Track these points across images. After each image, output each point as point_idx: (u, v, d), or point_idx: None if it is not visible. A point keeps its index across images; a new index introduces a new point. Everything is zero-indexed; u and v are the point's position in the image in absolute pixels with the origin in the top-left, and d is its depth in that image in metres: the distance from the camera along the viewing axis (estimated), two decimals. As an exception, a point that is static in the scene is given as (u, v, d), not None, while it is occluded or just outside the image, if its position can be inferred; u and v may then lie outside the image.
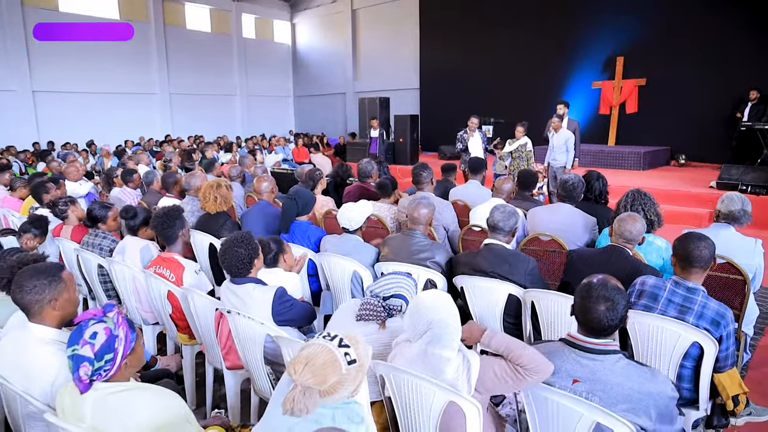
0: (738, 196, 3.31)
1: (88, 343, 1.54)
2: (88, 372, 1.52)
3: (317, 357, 1.46)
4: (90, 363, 1.52)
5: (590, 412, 1.66)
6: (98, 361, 1.54)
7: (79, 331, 1.56)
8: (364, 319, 2.17)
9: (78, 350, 1.53)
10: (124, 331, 1.63)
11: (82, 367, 1.51)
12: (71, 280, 2.05)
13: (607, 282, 1.79)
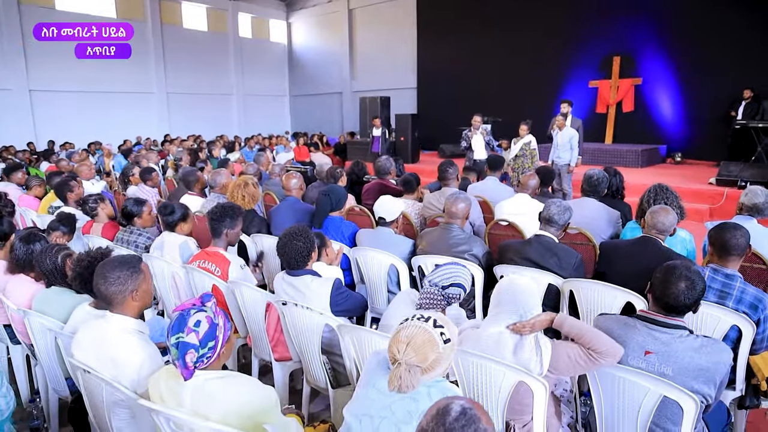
0: (762, 190, 3.44)
1: (193, 330, 1.62)
2: (194, 359, 1.60)
3: (417, 337, 1.58)
4: (195, 350, 1.61)
5: (656, 387, 1.79)
6: (202, 348, 1.62)
7: (183, 319, 1.65)
8: (425, 308, 2.27)
9: (183, 338, 1.61)
10: (222, 320, 1.71)
11: (188, 354, 1.60)
12: (148, 271, 2.13)
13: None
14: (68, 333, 2.30)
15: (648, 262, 2.71)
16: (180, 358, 1.59)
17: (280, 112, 22.86)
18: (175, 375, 1.67)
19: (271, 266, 4.04)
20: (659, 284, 1.98)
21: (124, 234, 3.86)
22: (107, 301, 2.01)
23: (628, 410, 1.90)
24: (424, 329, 1.60)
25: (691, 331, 1.98)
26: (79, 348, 2.01)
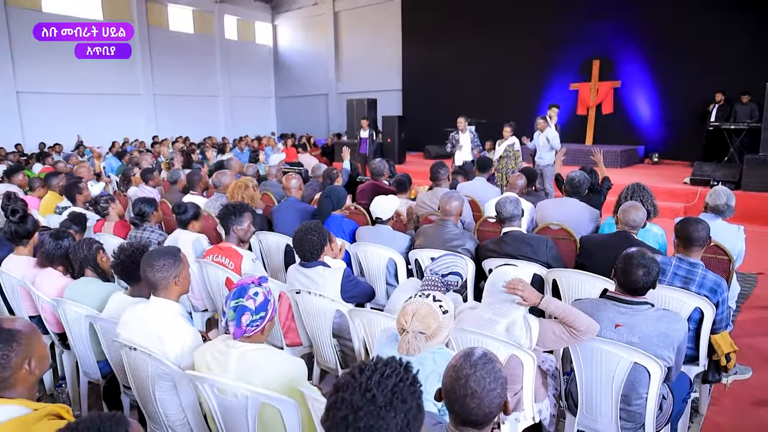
0: (724, 191, 3.80)
1: (252, 298, 1.93)
2: (248, 320, 1.89)
3: (420, 309, 1.90)
4: (251, 313, 1.90)
5: (628, 354, 2.10)
6: (255, 315, 1.91)
7: (243, 289, 1.95)
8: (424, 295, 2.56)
9: (242, 302, 1.91)
10: (273, 300, 2.00)
11: (244, 316, 1.89)
12: (186, 260, 2.40)
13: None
14: (107, 317, 2.55)
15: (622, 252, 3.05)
16: (236, 318, 1.89)
17: (266, 113, 23.02)
18: (220, 347, 1.95)
19: (274, 262, 4.31)
20: (621, 272, 2.30)
21: (137, 232, 4.09)
22: (153, 286, 2.28)
23: (605, 377, 2.22)
24: (425, 303, 1.93)
25: (652, 305, 2.30)
26: (126, 328, 2.27)
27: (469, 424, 1.33)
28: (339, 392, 1.05)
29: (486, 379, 1.31)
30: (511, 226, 3.41)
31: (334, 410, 1.03)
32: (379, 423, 1.00)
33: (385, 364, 1.09)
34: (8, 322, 1.57)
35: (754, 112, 9.88)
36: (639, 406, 2.22)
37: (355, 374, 1.07)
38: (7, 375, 1.48)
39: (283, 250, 4.16)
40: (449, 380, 1.35)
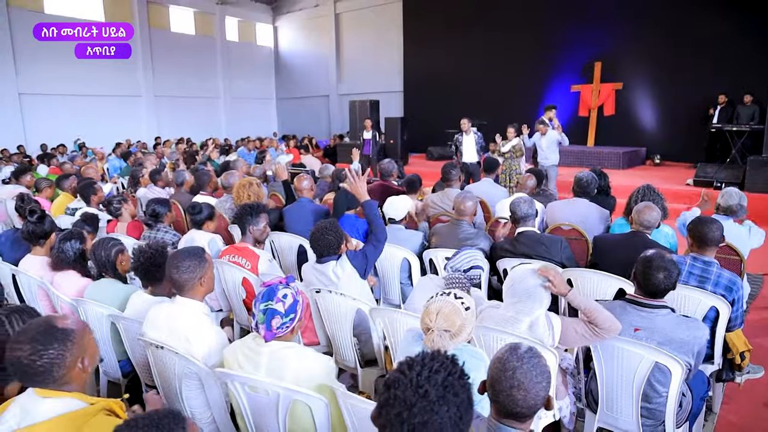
0: (736, 192, 3.84)
1: (281, 300, 1.94)
2: (278, 324, 1.91)
3: (444, 307, 1.93)
4: (281, 316, 1.92)
5: (650, 354, 2.13)
6: (285, 317, 1.93)
7: (272, 291, 1.96)
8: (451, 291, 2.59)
9: (272, 305, 1.92)
10: (302, 300, 2.02)
11: (274, 319, 1.91)
12: (211, 260, 2.43)
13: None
14: (131, 317, 2.57)
15: (637, 253, 3.07)
16: (266, 321, 1.91)
17: (267, 114, 23.05)
18: (251, 345, 1.97)
19: (287, 262, 4.33)
20: (641, 274, 2.32)
21: (150, 232, 4.11)
22: (179, 287, 2.30)
23: (626, 375, 2.25)
24: (448, 301, 1.96)
25: (673, 309, 2.33)
26: (152, 328, 2.29)
27: (512, 416, 1.36)
28: (391, 389, 1.07)
29: (533, 372, 1.34)
30: (526, 226, 3.43)
31: (387, 407, 1.05)
32: (433, 417, 1.02)
33: (432, 359, 1.12)
34: (61, 320, 1.59)
35: (756, 113, 9.94)
36: (659, 404, 2.25)
37: (404, 371, 1.09)
38: (62, 373, 1.51)
39: (296, 251, 4.19)
40: (496, 372, 1.38)
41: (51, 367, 1.47)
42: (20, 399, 1.51)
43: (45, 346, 1.48)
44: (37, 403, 1.46)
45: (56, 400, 1.47)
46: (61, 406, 1.45)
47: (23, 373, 1.48)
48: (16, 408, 1.47)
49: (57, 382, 1.49)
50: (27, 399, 1.49)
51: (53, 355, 1.48)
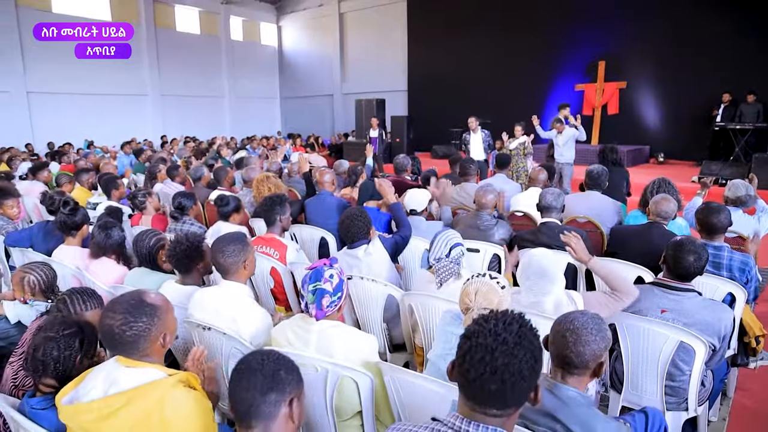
0: (742, 183, 3.95)
1: (328, 281, 2.04)
2: (328, 302, 2.02)
3: (482, 287, 2.04)
4: (330, 295, 2.02)
5: (675, 334, 2.24)
6: (334, 296, 2.04)
7: (319, 272, 2.06)
8: (444, 280, 2.68)
9: (320, 285, 2.03)
10: (345, 281, 2.13)
11: (324, 298, 2.01)
12: (252, 245, 2.54)
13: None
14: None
15: (655, 243, 3.21)
16: (316, 301, 2.01)
17: (271, 113, 23.18)
18: (301, 324, 2.08)
19: (309, 254, 4.44)
20: (671, 258, 2.44)
21: (176, 224, 4.21)
22: (224, 271, 2.41)
23: (651, 355, 2.36)
24: (485, 282, 2.08)
25: (699, 293, 2.44)
26: (199, 310, 2.39)
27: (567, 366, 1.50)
28: (472, 338, 1.18)
29: (590, 324, 1.48)
30: (549, 216, 3.54)
31: (470, 354, 1.17)
32: (512, 360, 1.13)
33: (504, 314, 1.23)
34: (151, 296, 1.70)
35: (760, 111, 10.06)
36: (683, 382, 2.36)
37: (482, 323, 1.20)
38: (146, 345, 1.62)
39: (318, 243, 4.29)
40: (557, 322, 1.52)
41: (138, 338, 1.58)
42: (104, 368, 1.61)
43: (135, 318, 1.59)
44: (122, 372, 1.57)
45: (138, 370, 1.58)
46: (143, 375, 1.56)
47: (112, 340, 1.59)
48: (101, 376, 1.57)
49: (140, 353, 1.60)
50: (111, 368, 1.60)
51: (141, 328, 1.59)
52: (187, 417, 1.51)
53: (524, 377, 1.15)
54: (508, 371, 1.13)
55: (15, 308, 2.36)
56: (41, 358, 1.75)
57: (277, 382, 1.34)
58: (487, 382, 1.14)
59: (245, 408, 1.31)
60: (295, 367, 1.44)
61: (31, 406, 1.77)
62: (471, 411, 1.19)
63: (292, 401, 1.37)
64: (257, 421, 1.31)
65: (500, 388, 1.14)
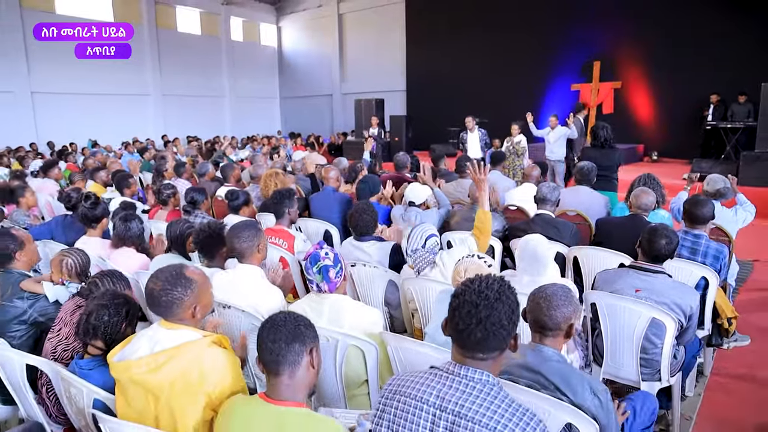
0: (719, 177, 4.23)
1: (326, 257, 2.31)
2: (334, 274, 2.28)
3: (471, 266, 2.32)
4: (332, 267, 2.29)
5: (647, 310, 2.50)
6: (335, 267, 2.30)
7: (315, 255, 2.33)
8: (421, 269, 2.94)
9: (322, 263, 2.29)
10: (338, 254, 2.38)
11: (330, 272, 2.28)
12: (263, 232, 2.79)
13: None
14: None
15: (637, 232, 3.46)
16: (325, 276, 2.27)
17: (271, 113, 23.43)
18: (315, 298, 2.34)
19: (313, 246, 4.69)
20: (646, 242, 2.70)
21: (189, 218, 4.45)
22: (240, 255, 2.66)
23: (627, 330, 2.61)
24: (473, 261, 2.39)
25: (670, 275, 2.70)
26: (218, 290, 2.62)
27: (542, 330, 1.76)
28: (460, 296, 1.44)
29: (559, 292, 1.75)
30: (543, 208, 3.81)
31: (459, 309, 1.42)
32: (493, 312, 1.38)
33: (487, 277, 1.48)
34: (190, 270, 1.94)
35: (751, 111, 10.32)
36: (655, 354, 2.61)
37: (468, 284, 1.46)
38: (178, 311, 1.86)
39: (323, 235, 4.54)
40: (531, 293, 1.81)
41: (171, 304, 1.83)
42: (147, 331, 1.86)
43: (172, 287, 1.83)
44: (163, 334, 1.82)
45: (177, 332, 1.83)
46: (182, 336, 1.81)
47: (152, 302, 1.85)
48: (145, 337, 1.83)
49: (174, 317, 1.85)
50: (154, 330, 1.85)
51: (176, 296, 1.83)
52: (221, 370, 1.76)
53: (504, 326, 1.40)
54: (489, 321, 1.38)
55: (54, 288, 2.61)
56: (93, 322, 2.01)
57: (298, 334, 1.57)
58: (473, 331, 1.39)
59: (274, 357, 1.55)
60: (311, 324, 1.66)
61: (80, 367, 2.04)
62: (462, 357, 1.44)
63: (312, 350, 1.60)
64: (284, 368, 1.54)
65: (484, 335, 1.39)
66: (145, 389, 1.72)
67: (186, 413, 1.69)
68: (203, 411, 1.70)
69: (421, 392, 1.42)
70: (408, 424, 1.41)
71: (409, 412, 1.41)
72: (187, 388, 1.70)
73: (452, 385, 1.40)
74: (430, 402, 1.39)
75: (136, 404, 1.76)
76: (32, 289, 2.60)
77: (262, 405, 1.55)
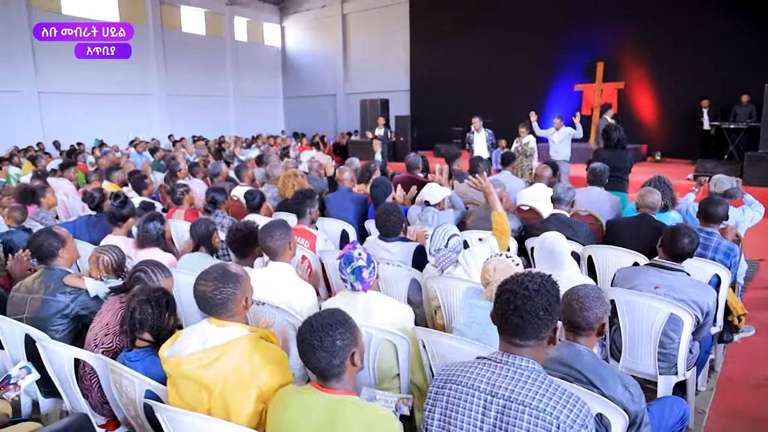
0: (725, 178, 4.35)
1: (359, 258, 2.41)
2: (368, 274, 2.38)
3: (499, 264, 2.42)
4: (366, 268, 2.39)
5: (666, 306, 2.60)
6: (369, 267, 2.40)
7: (349, 256, 2.42)
8: (444, 268, 3.04)
9: (356, 264, 2.39)
10: (371, 254, 2.48)
11: (363, 272, 2.38)
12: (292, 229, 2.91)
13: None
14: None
15: (645, 231, 3.63)
16: (358, 277, 2.37)
17: (275, 113, 23.53)
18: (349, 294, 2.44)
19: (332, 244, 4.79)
20: (668, 240, 2.82)
21: (209, 217, 4.55)
22: (273, 253, 2.77)
23: (645, 326, 2.72)
24: (501, 260, 2.47)
25: (688, 273, 2.81)
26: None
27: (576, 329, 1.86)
28: (504, 287, 1.56)
29: (591, 294, 1.84)
30: (558, 208, 3.92)
31: (501, 297, 1.54)
32: (528, 302, 1.49)
33: (532, 272, 1.59)
34: (233, 267, 2.05)
35: (753, 112, 10.42)
36: (672, 349, 2.72)
37: (514, 277, 1.58)
38: (233, 306, 1.97)
39: (340, 235, 4.64)
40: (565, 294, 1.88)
41: (227, 301, 1.93)
42: (196, 328, 1.96)
43: (224, 284, 1.94)
44: (213, 331, 1.92)
45: (226, 329, 1.92)
46: (231, 333, 1.91)
47: (206, 303, 1.94)
48: (195, 334, 1.92)
49: (228, 313, 1.95)
50: (203, 328, 1.95)
51: (229, 293, 1.94)
52: (270, 363, 1.86)
53: (539, 316, 1.50)
54: (524, 309, 1.49)
55: (94, 284, 2.72)
56: (138, 317, 2.13)
57: (336, 351, 1.62)
58: (510, 317, 1.51)
59: (319, 371, 1.65)
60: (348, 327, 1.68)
61: (129, 358, 2.15)
62: (507, 345, 1.56)
63: (352, 355, 1.67)
64: (331, 377, 1.65)
65: (520, 322, 1.50)
66: (198, 384, 1.82)
67: (240, 406, 1.79)
68: (255, 403, 1.81)
69: (471, 380, 1.53)
70: (461, 410, 1.51)
71: (461, 399, 1.52)
72: (239, 382, 1.80)
73: (501, 372, 1.51)
74: (481, 389, 1.50)
75: (188, 397, 1.86)
76: (75, 284, 2.71)
77: (315, 394, 1.66)
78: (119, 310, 2.50)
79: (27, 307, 2.69)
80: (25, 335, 2.55)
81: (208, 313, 1.98)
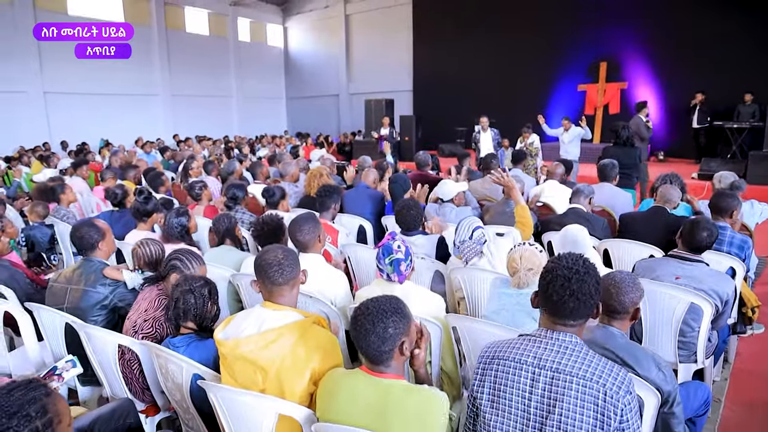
0: (729, 173, 4.46)
1: (398, 250, 2.47)
2: (405, 267, 2.46)
3: (525, 252, 2.51)
4: (404, 261, 2.46)
5: (686, 296, 2.69)
6: (406, 260, 2.48)
7: (389, 246, 2.49)
8: (469, 259, 3.13)
9: (395, 256, 2.46)
10: (410, 246, 2.57)
11: (401, 265, 2.45)
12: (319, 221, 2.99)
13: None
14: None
15: (661, 225, 3.73)
16: (396, 269, 2.44)
17: (278, 113, 23.61)
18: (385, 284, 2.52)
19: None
20: (688, 233, 2.90)
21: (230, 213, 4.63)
22: (303, 246, 2.86)
23: (666, 315, 2.80)
24: (526, 248, 2.56)
25: (707, 264, 2.90)
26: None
27: (612, 313, 1.94)
28: (551, 273, 1.63)
29: (627, 279, 1.93)
30: (577, 203, 4.01)
31: (553, 283, 1.61)
32: (583, 285, 1.58)
33: (571, 255, 1.67)
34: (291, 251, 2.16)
35: (756, 111, 10.52)
36: (692, 338, 2.80)
37: (556, 261, 1.65)
38: (289, 288, 2.07)
39: (357, 230, 4.72)
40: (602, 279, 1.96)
41: (287, 282, 2.03)
42: (252, 312, 2.04)
43: (290, 265, 2.05)
44: (268, 314, 2.00)
45: (281, 312, 2.01)
46: (286, 316, 1.99)
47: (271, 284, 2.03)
48: (251, 318, 2.00)
49: (285, 297, 2.05)
50: (258, 312, 2.03)
51: (293, 274, 2.06)
52: (325, 346, 1.94)
53: (592, 296, 1.60)
54: (581, 292, 1.57)
55: (132, 276, 2.80)
56: (182, 306, 2.21)
57: (387, 338, 1.67)
58: (568, 301, 1.59)
59: (370, 357, 1.71)
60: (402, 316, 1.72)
61: (174, 345, 2.22)
62: (553, 324, 1.64)
63: (402, 344, 1.72)
64: (380, 363, 1.71)
65: (576, 305, 1.59)
66: (254, 365, 1.90)
67: (294, 386, 1.87)
68: (308, 384, 1.89)
69: (518, 355, 1.61)
70: (510, 383, 1.60)
71: (509, 373, 1.60)
72: (295, 363, 1.88)
73: (546, 347, 1.60)
74: (529, 362, 1.59)
75: (242, 378, 1.93)
76: (114, 276, 2.79)
77: (365, 377, 1.73)
78: (156, 297, 2.58)
79: (67, 297, 2.77)
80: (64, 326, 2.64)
81: (270, 289, 2.05)
